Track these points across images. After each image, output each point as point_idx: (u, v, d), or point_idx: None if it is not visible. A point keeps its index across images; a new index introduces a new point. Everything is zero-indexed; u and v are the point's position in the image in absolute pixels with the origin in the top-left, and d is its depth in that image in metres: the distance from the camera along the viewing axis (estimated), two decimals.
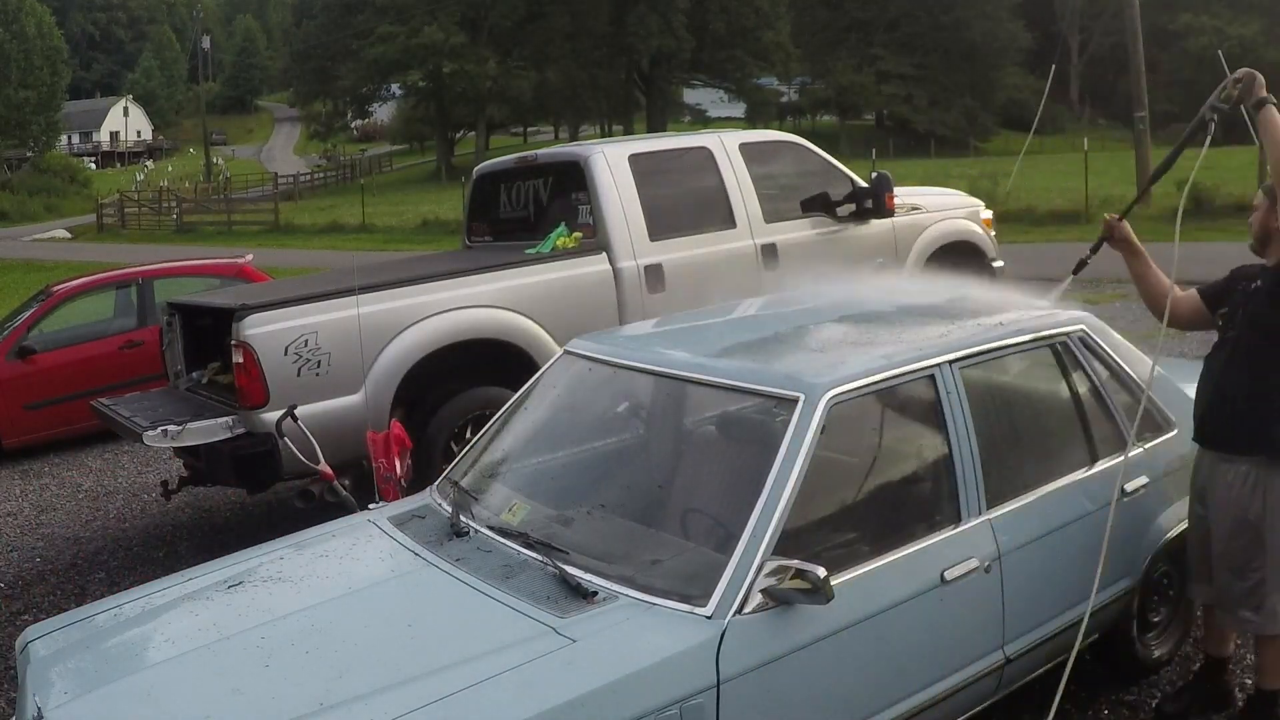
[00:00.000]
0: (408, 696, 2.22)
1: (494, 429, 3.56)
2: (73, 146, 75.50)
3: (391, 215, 30.08)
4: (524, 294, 5.46)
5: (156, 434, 4.82)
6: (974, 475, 2.99)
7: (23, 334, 8.08)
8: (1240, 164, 19.17)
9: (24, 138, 55.60)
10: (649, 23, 51.08)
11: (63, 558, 5.78)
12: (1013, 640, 3.01)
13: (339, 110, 59.46)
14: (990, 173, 21.91)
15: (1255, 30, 50.70)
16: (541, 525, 2.95)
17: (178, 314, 5.79)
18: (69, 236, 35.81)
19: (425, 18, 49.33)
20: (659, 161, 6.09)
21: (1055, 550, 3.12)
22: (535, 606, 2.53)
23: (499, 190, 6.74)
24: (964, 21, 55.07)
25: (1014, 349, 3.32)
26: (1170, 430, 3.59)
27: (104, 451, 7.99)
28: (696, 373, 3.11)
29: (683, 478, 3.21)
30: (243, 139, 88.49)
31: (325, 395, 4.89)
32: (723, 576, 2.50)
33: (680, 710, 2.33)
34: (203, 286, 8.39)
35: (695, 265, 5.92)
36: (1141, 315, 10.09)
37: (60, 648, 2.72)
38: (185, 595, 2.92)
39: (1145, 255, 3.54)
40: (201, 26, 68.97)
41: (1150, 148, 19.78)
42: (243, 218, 33.60)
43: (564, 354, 3.62)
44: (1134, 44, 19.30)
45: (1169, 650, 3.70)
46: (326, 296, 5.01)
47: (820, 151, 6.82)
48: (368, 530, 3.19)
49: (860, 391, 2.86)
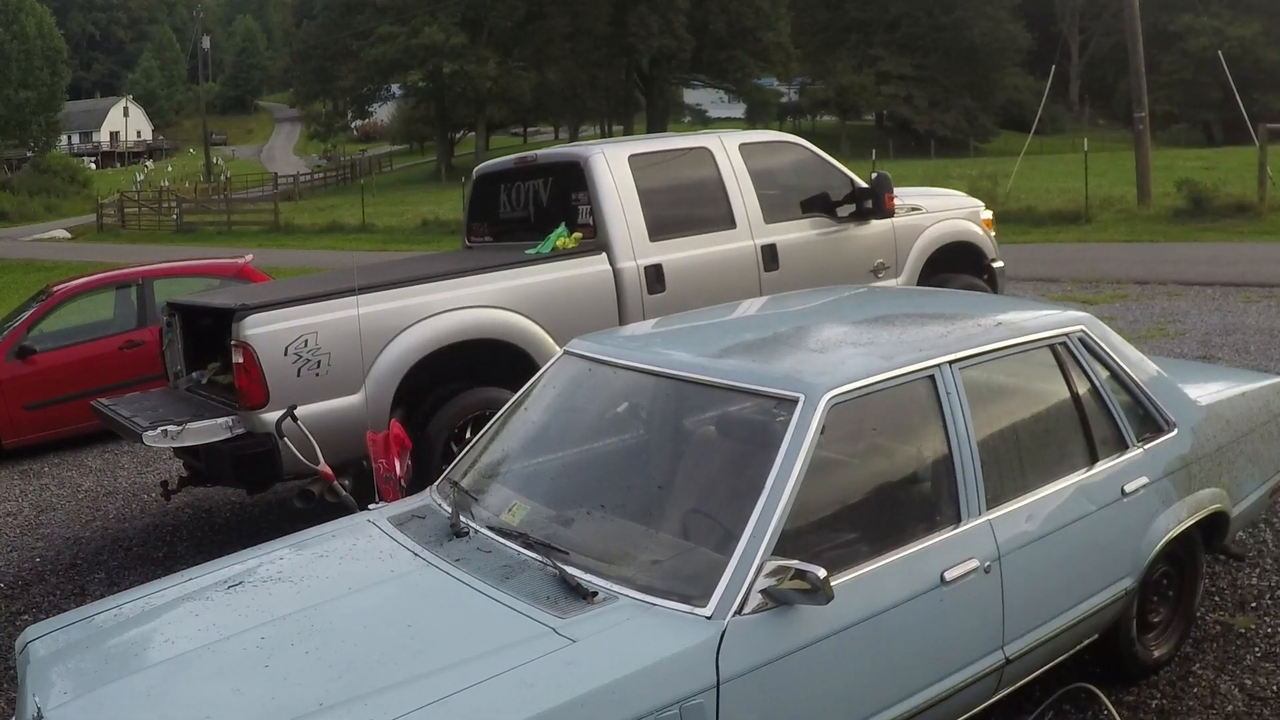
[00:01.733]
0: (408, 696, 2.22)
1: (494, 429, 3.56)
2: (73, 147, 75.59)
3: (391, 215, 30.10)
4: (524, 294, 5.46)
5: (156, 434, 4.82)
6: (974, 475, 2.99)
7: (23, 334, 8.07)
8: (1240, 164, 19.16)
9: (24, 138, 55.69)
10: (649, 23, 51.10)
11: (63, 558, 5.78)
12: (1013, 640, 3.01)
13: (339, 110, 59.50)
14: (990, 173, 21.93)
15: (1255, 31, 50.68)
16: (541, 525, 2.95)
17: (178, 314, 5.79)
18: (69, 237, 35.85)
19: (425, 18, 49.35)
20: (659, 162, 6.09)
21: (1055, 551, 3.12)
22: (535, 607, 2.53)
23: (499, 190, 6.74)
24: (964, 22, 55.07)
25: (1014, 349, 3.32)
26: (1170, 430, 3.59)
27: (104, 451, 7.99)
28: (696, 373, 3.11)
29: (683, 478, 3.21)
30: (243, 139, 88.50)
31: (325, 395, 4.89)
32: (723, 577, 2.50)
33: (680, 710, 2.33)
34: (203, 286, 8.39)
35: (695, 265, 5.92)
36: (1141, 315, 10.12)
37: (60, 648, 2.72)
38: (185, 595, 2.92)
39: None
40: (201, 26, 68.98)
41: (1150, 148, 19.79)
42: (243, 218, 33.63)
43: (564, 354, 3.62)
44: (1134, 44, 19.31)
45: (1169, 650, 3.70)
46: (326, 297, 5.01)
47: (820, 152, 6.82)
48: (368, 530, 3.19)
49: (860, 392, 2.86)
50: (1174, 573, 3.66)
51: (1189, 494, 3.56)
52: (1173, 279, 12.14)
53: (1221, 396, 3.91)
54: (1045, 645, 3.13)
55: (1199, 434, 3.66)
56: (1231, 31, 48.79)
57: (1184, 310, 10.34)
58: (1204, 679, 3.62)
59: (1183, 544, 3.60)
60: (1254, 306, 10.29)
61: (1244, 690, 3.53)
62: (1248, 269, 12.34)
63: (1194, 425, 3.66)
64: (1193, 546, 3.70)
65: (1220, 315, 9.94)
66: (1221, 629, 3.94)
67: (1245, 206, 16.76)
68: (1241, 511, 3.87)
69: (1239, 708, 3.44)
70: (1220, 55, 27.14)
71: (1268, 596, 4.17)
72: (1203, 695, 3.53)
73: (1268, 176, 16.98)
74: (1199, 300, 10.85)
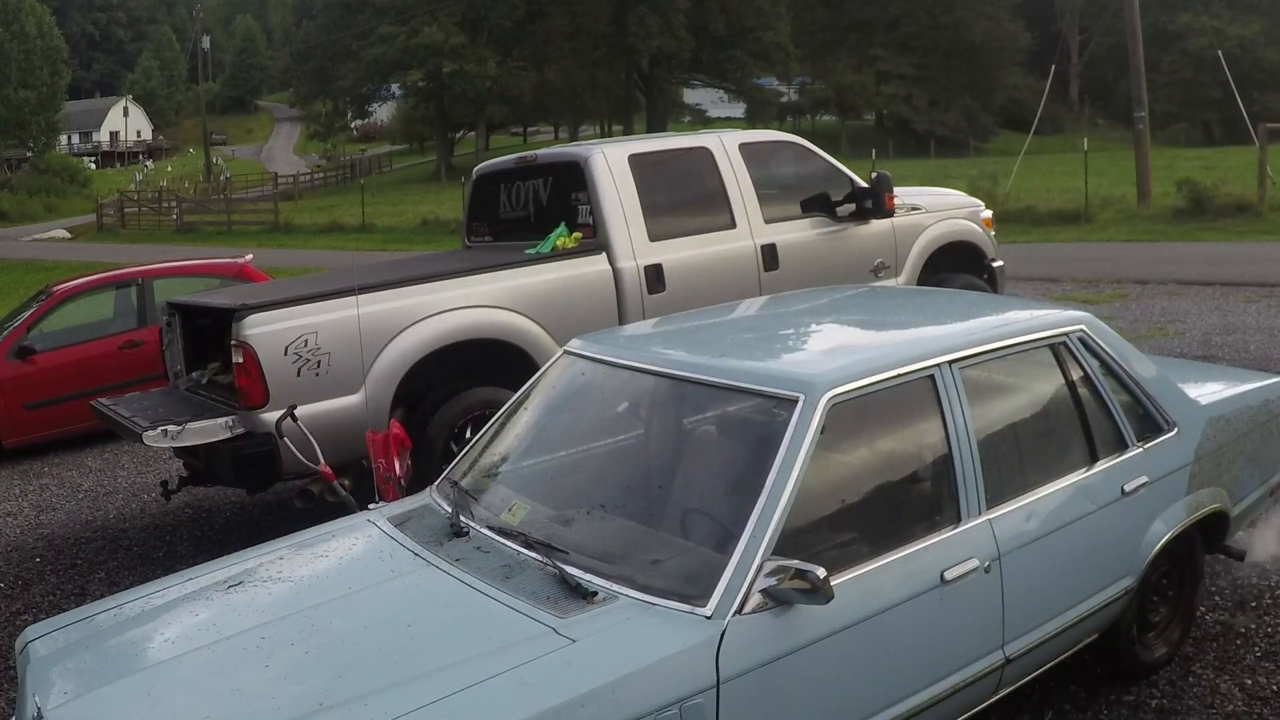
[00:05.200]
0: (408, 696, 2.22)
1: (494, 429, 3.56)
2: (73, 146, 75.59)
3: (391, 215, 30.10)
4: (524, 294, 5.46)
5: (156, 434, 4.82)
6: (974, 475, 2.99)
7: (23, 334, 8.07)
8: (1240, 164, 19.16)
9: (24, 138, 55.70)
10: (649, 23, 51.06)
11: (63, 558, 5.78)
12: (1012, 640, 3.01)
13: (339, 110, 59.43)
14: (990, 173, 21.96)
15: (1255, 30, 50.71)
16: (541, 525, 2.95)
17: (177, 314, 5.79)
18: (69, 236, 35.86)
19: (425, 18, 49.32)
20: (659, 161, 6.09)
21: (1055, 550, 3.12)
22: (535, 606, 2.53)
23: (499, 190, 6.73)
24: (964, 21, 55.09)
25: (1014, 349, 3.32)
26: (1170, 430, 3.59)
27: (104, 451, 7.99)
28: (696, 373, 3.11)
29: (682, 478, 3.21)
30: (243, 139, 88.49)
31: (325, 395, 4.89)
32: (722, 576, 2.50)
33: (680, 710, 2.33)
34: (203, 286, 8.39)
35: (695, 265, 5.92)
36: (1141, 315, 10.12)
37: (60, 648, 2.72)
38: (185, 595, 2.92)
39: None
40: (201, 26, 68.93)
41: (1150, 147, 19.80)
42: (243, 218, 33.63)
43: (563, 354, 3.62)
44: (1134, 44, 19.32)
45: (1169, 650, 3.70)
46: (326, 296, 5.00)
47: (820, 151, 6.82)
48: (368, 530, 3.19)
49: (860, 391, 2.86)
50: (1174, 572, 3.66)
51: (1189, 494, 3.57)
52: (1173, 279, 12.14)
53: (1221, 396, 3.90)
54: (1045, 645, 3.13)
55: (1199, 433, 3.66)
56: (1231, 31, 48.81)
57: (1184, 310, 10.34)
58: (1204, 679, 3.62)
59: (1183, 543, 3.60)
60: (1254, 306, 10.29)
61: (1244, 690, 3.53)
62: (1248, 269, 12.34)
63: (1194, 425, 3.66)
64: (1193, 546, 3.70)
65: (1220, 315, 9.94)
66: (1221, 629, 3.94)
67: (1245, 206, 16.77)
68: (1241, 511, 3.88)
69: (1239, 707, 3.44)
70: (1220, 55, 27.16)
71: (1268, 596, 4.17)
72: (1203, 695, 3.53)
73: (1267, 176, 16.99)
74: (1199, 300, 10.85)
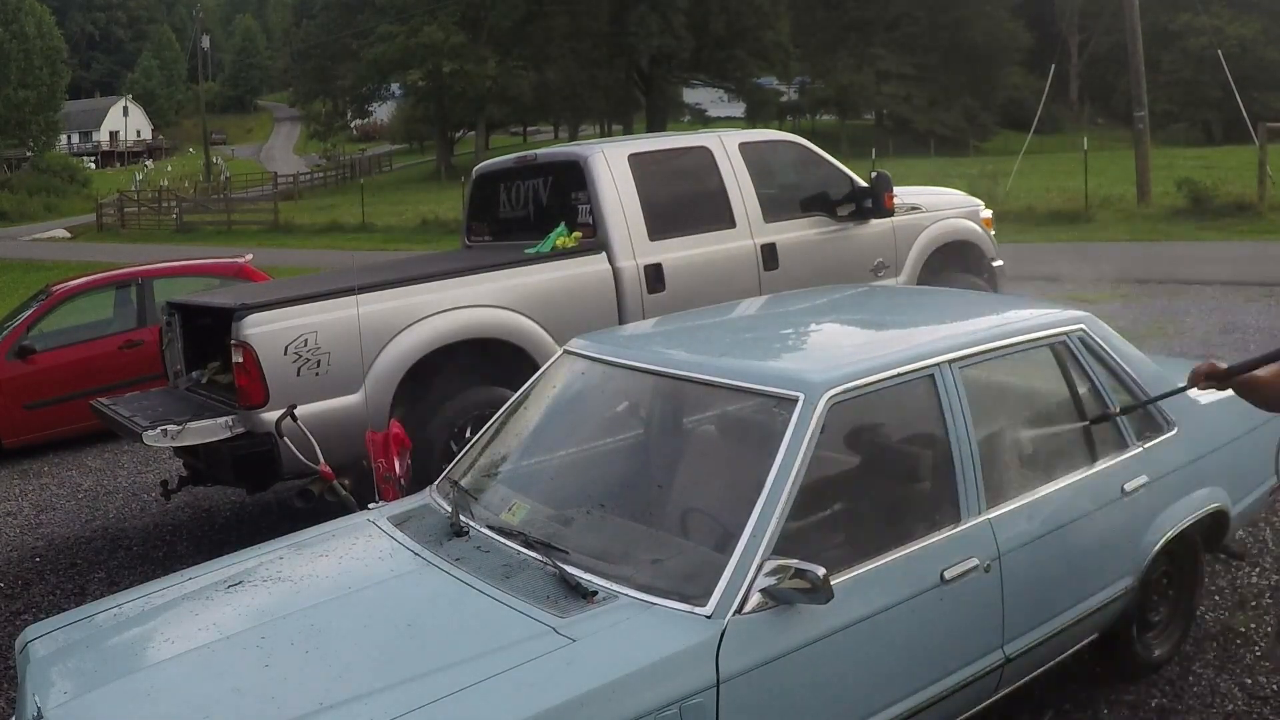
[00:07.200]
0: (408, 696, 2.22)
1: (494, 429, 3.56)
2: (72, 146, 75.53)
3: (391, 215, 30.07)
4: (524, 294, 5.46)
5: (156, 434, 4.82)
6: (974, 475, 2.99)
7: (22, 334, 8.07)
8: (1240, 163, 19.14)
9: (24, 137, 55.69)
10: (649, 23, 51.01)
11: (63, 558, 5.78)
12: (1012, 640, 3.01)
13: (339, 110, 59.42)
14: (990, 172, 21.92)
15: (1255, 30, 50.65)
16: (541, 525, 2.95)
17: (177, 313, 5.79)
18: (68, 236, 35.84)
19: (425, 17, 49.30)
20: (659, 161, 6.09)
21: (1055, 550, 3.12)
22: (535, 606, 2.53)
23: (498, 190, 6.73)
24: (964, 21, 55.01)
25: (1014, 349, 3.32)
26: (1170, 429, 3.59)
27: (104, 451, 7.99)
28: (696, 372, 3.10)
29: (682, 477, 3.22)
30: (243, 139, 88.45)
31: (325, 395, 4.89)
32: (722, 576, 2.50)
33: (680, 710, 2.33)
34: (202, 286, 8.39)
35: (695, 265, 5.92)
36: (1141, 315, 10.12)
37: (60, 647, 2.72)
38: (185, 595, 2.92)
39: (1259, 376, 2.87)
40: (201, 26, 68.84)
41: (1150, 147, 19.78)
42: (242, 217, 33.62)
43: (563, 353, 3.62)
44: (1134, 44, 19.30)
45: (1169, 650, 3.70)
46: (326, 296, 5.01)
47: (820, 151, 6.82)
48: (367, 530, 3.19)
49: (860, 391, 2.86)
50: (1174, 572, 3.66)
51: (1189, 493, 3.57)
52: (1172, 278, 12.13)
53: (1221, 396, 3.90)
54: (1045, 644, 3.13)
55: (1199, 433, 3.66)
56: (1231, 30, 48.74)
57: (1184, 310, 10.33)
58: (1204, 678, 3.62)
59: (1182, 543, 3.60)
60: (1254, 305, 10.29)
61: (1244, 689, 3.54)
62: (1247, 268, 12.33)
63: (1194, 424, 3.66)
64: (1192, 546, 3.70)
65: (1220, 314, 9.93)
66: (1221, 628, 3.95)
67: (1245, 205, 16.76)
68: (1241, 511, 3.88)
69: (1239, 707, 3.44)
70: (1220, 54, 27.14)
71: (1267, 595, 4.17)
72: (1203, 694, 3.53)
73: (1267, 175, 16.98)
74: (1199, 299, 10.84)
